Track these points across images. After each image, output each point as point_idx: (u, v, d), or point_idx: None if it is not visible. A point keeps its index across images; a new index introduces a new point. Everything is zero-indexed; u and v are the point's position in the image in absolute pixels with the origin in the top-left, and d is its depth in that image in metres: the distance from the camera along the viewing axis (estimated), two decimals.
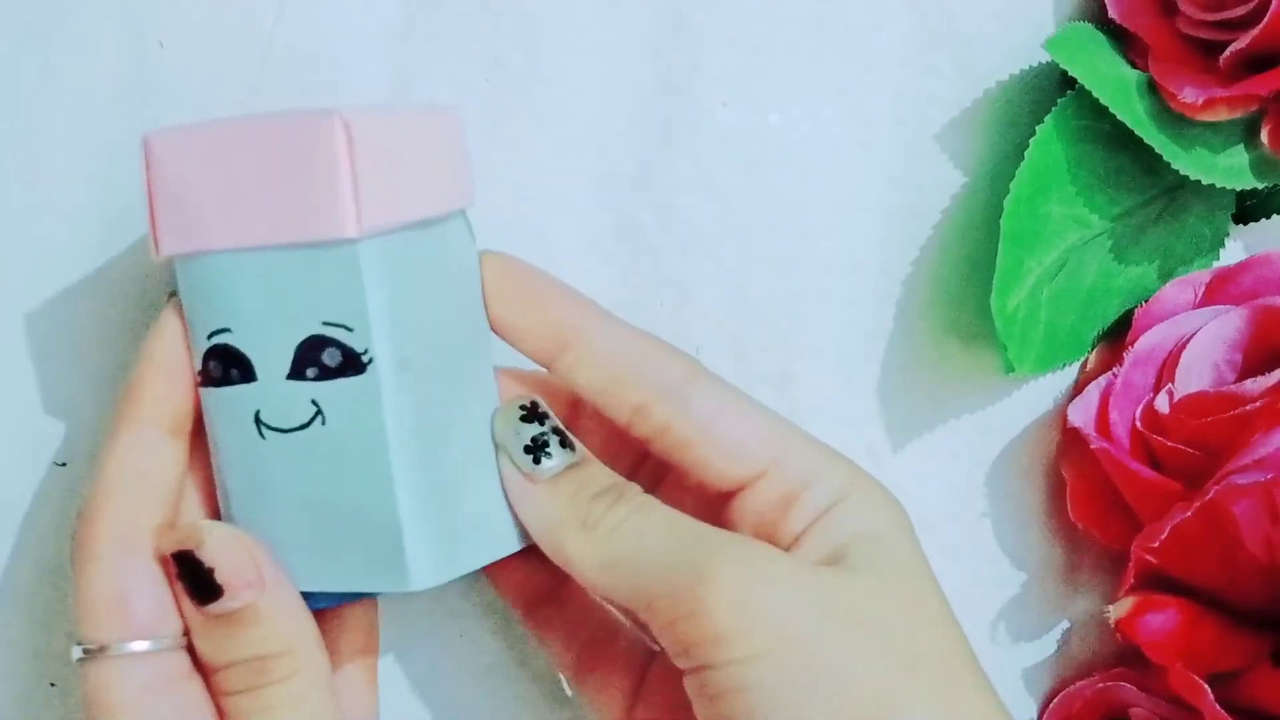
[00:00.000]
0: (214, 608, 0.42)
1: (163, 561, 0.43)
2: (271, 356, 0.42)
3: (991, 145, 0.50)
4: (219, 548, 0.42)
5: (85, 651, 0.43)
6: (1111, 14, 0.48)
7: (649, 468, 0.48)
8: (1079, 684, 0.50)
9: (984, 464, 0.51)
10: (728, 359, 0.50)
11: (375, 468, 0.42)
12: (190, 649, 0.43)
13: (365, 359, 0.41)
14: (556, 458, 0.43)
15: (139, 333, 0.50)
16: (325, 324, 0.42)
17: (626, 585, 0.42)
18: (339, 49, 0.49)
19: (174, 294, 0.44)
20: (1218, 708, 0.46)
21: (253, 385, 0.42)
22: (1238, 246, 0.50)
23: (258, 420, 0.43)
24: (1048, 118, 0.48)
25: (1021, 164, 0.47)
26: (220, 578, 0.42)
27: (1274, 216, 0.50)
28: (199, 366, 0.43)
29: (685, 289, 0.50)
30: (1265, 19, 0.46)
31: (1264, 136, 0.47)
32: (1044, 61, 0.50)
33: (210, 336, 0.43)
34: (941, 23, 0.49)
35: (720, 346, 0.50)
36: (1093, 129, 0.48)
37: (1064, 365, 0.50)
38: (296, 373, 0.42)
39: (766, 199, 0.50)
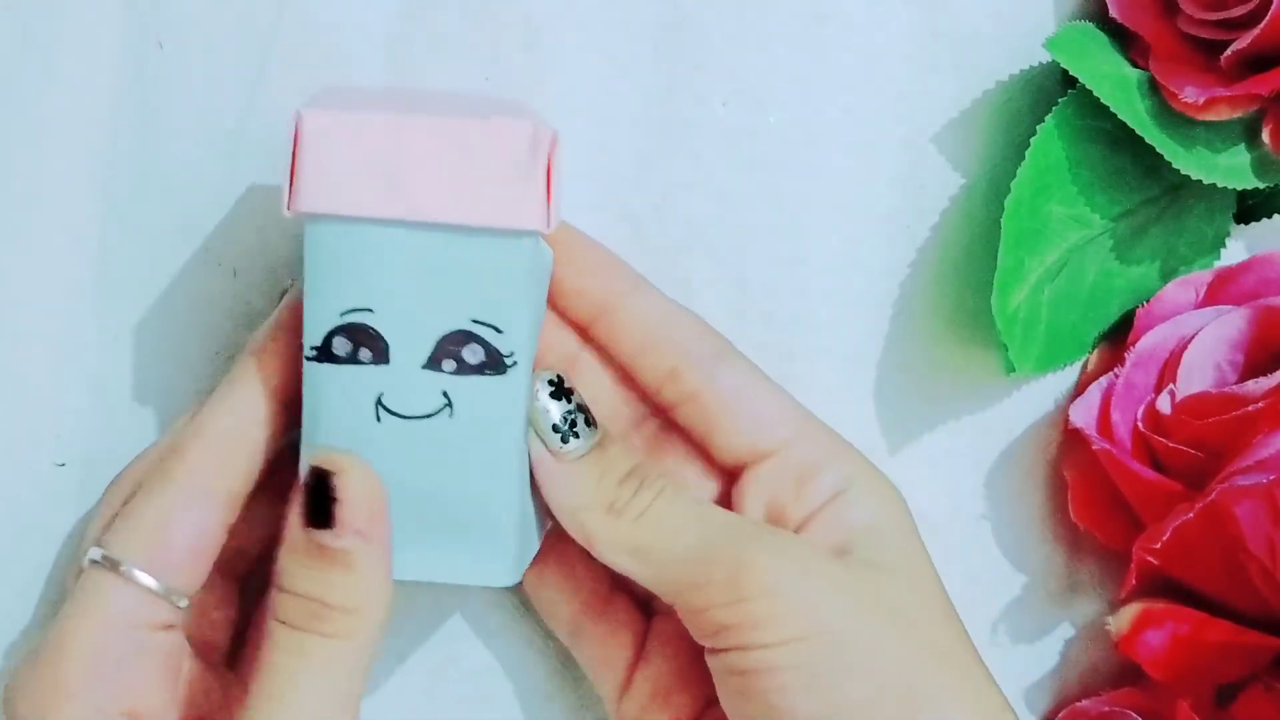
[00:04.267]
0: (318, 535, 0.42)
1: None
2: (410, 343, 0.42)
3: (992, 145, 0.50)
4: (354, 484, 0.42)
5: (102, 558, 0.43)
6: (1112, 13, 0.48)
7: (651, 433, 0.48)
8: (1084, 703, 0.50)
9: (985, 465, 0.51)
10: None
11: (499, 464, 0.43)
12: (188, 628, 0.44)
13: (509, 362, 0.42)
14: (583, 437, 0.44)
15: (138, 333, 0.50)
16: (474, 321, 0.42)
17: (654, 572, 0.44)
18: (339, 49, 0.49)
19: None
20: None
21: (382, 368, 0.42)
22: (1239, 246, 0.50)
23: (379, 403, 0.42)
24: (1048, 117, 0.48)
25: (1022, 163, 0.47)
26: (340, 512, 0.42)
27: (1275, 216, 0.50)
28: (317, 341, 0.42)
29: (685, 289, 0.50)
30: (1266, 18, 0.46)
31: (1265, 136, 0.47)
32: (1045, 61, 0.49)
33: (345, 314, 0.42)
34: (942, 22, 0.49)
35: None
36: (1094, 128, 0.48)
37: (1065, 365, 0.50)
38: (433, 363, 0.42)
39: (766, 199, 0.50)
